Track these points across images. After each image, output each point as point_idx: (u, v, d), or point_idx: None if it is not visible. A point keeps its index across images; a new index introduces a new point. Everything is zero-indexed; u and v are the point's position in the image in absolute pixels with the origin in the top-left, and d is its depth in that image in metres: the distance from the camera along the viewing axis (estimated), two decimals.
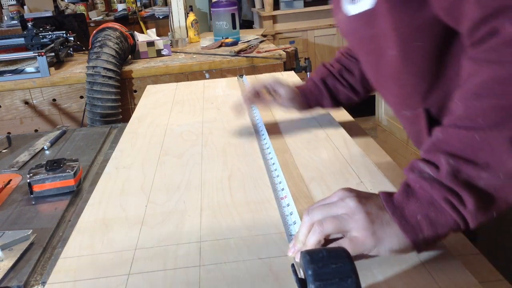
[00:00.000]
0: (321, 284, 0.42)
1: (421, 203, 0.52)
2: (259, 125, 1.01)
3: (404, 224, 0.52)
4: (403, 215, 0.52)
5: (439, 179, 0.51)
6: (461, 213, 0.51)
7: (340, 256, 0.45)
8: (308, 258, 0.45)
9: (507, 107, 0.49)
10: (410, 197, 0.53)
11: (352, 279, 0.43)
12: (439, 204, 0.51)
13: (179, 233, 0.64)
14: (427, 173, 0.53)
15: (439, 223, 0.52)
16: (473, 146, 0.50)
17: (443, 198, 0.51)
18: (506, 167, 0.50)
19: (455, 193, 0.51)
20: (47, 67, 1.98)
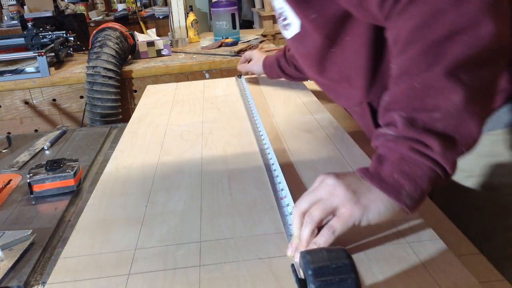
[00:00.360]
0: (321, 284, 0.42)
1: (393, 163, 0.54)
2: (259, 126, 1.01)
3: (384, 186, 0.53)
4: (381, 178, 0.54)
5: (399, 134, 0.54)
6: (431, 157, 0.52)
7: (340, 256, 0.45)
8: (308, 258, 0.45)
9: (429, 48, 0.53)
10: (383, 162, 0.55)
11: (352, 278, 0.43)
12: (408, 157, 0.53)
13: (179, 233, 0.64)
14: (389, 134, 0.55)
15: (416, 175, 0.53)
16: (417, 95, 0.53)
17: (409, 148, 0.53)
18: (453, 101, 0.52)
19: (418, 141, 0.53)
20: (47, 67, 1.98)
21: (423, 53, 0.53)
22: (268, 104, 1.17)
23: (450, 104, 0.52)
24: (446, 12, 0.52)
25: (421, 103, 0.53)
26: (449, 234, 0.65)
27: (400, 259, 0.55)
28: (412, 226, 0.62)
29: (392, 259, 0.55)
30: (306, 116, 1.06)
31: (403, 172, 0.53)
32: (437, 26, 0.52)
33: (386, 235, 0.60)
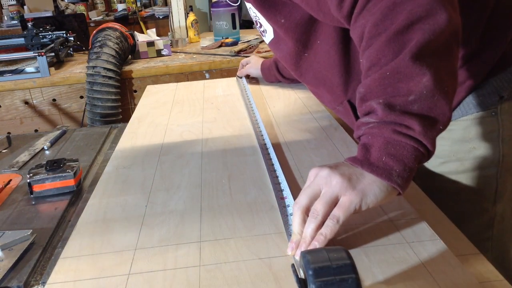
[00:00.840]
0: (322, 284, 0.42)
1: (379, 147, 0.56)
2: (259, 125, 1.01)
3: (376, 170, 0.56)
4: (371, 163, 0.56)
5: (380, 120, 0.57)
6: (413, 137, 0.56)
7: (341, 256, 0.45)
8: (309, 258, 0.45)
9: (393, 37, 0.56)
10: (369, 148, 0.58)
11: (353, 278, 0.43)
12: (392, 139, 0.56)
13: (179, 233, 0.64)
14: (371, 122, 0.58)
15: (402, 155, 0.56)
16: (390, 82, 0.57)
17: (393, 131, 0.56)
18: (423, 83, 0.55)
19: (400, 124, 0.56)
20: (47, 67, 1.98)
21: (388, 43, 0.57)
22: (268, 104, 1.17)
23: (421, 86, 0.55)
24: (402, 4, 0.56)
25: (395, 89, 0.56)
26: (449, 234, 0.65)
27: (400, 259, 0.55)
28: (412, 226, 0.62)
29: (392, 260, 0.55)
30: (306, 116, 1.06)
31: (390, 154, 0.56)
32: (397, 17, 0.56)
33: (386, 235, 0.60)
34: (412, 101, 0.55)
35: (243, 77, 1.41)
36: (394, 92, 0.56)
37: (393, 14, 0.57)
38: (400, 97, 0.56)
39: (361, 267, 0.54)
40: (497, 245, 0.80)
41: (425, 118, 0.55)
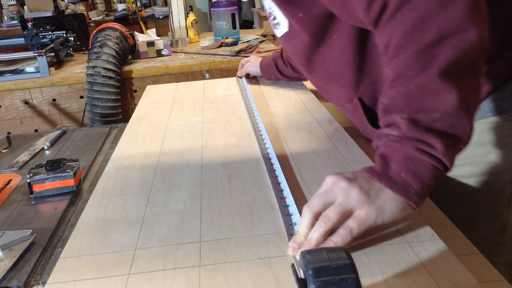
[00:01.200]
0: (322, 284, 0.42)
1: (399, 162, 0.56)
2: (259, 125, 1.01)
3: (394, 186, 0.56)
4: (390, 178, 0.56)
5: (403, 135, 0.56)
6: (434, 155, 0.55)
7: (341, 256, 0.45)
8: (308, 258, 0.45)
9: (421, 51, 0.55)
10: (388, 162, 0.57)
11: (353, 278, 0.43)
12: (413, 156, 0.56)
13: (179, 233, 0.64)
14: (392, 135, 0.58)
15: (421, 173, 0.56)
16: (415, 96, 0.56)
17: (414, 148, 0.56)
18: (449, 102, 0.55)
19: (422, 141, 0.55)
20: (47, 67, 1.98)
21: (416, 57, 0.56)
22: (268, 104, 1.17)
23: (447, 104, 0.55)
24: (433, 17, 0.55)
25: (420, 105, 0.56)
26: (449, 234, 0.65)
27: (400, 259, 0.55)
28: (412, 226, 0.62)
29: (392, 259, 0.55)
30: (306, 116, 1.06)
31: (409, 171, 0.55)
32: (427, 31, 0.55)
33: (386, 235, 0.60)
34: (437, 119, 0.55)
35: (243, 77, 1.41)
36: (419, 107, 0.56)
37: (424, 27, 0.55)
38: (424, 113, 0.55)
39: (361, 267, 0.54)
40: (509, 250, 0.79)
41: (448, 137, 0.55)
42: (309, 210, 0.57)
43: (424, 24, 0.55)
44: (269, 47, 2.24)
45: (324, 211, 0.56)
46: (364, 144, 0.93)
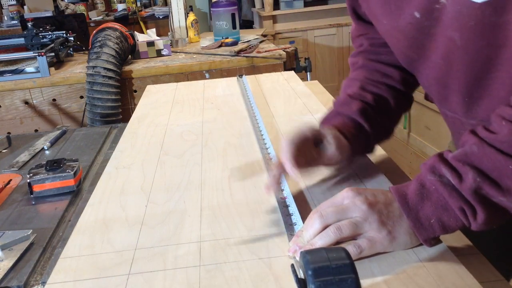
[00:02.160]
0: (321, 284, 0.42)
1: (435, 207, 0.54)
2: (260, 125, 1.01)
3: (419, 227, 0.54)
4: (418, 218, 0.54)
5: (460, 190, 0.52)
6: (471, 222, 0.53)
7: (340, 256, 0.45)
8: (308, 258, 0.45)
9: None
10: (424, 199, 0.54)
11: (352, 278, 0.43)
12: (453, 212, 0.53)
13: (179, 233, 0.64)
14: (448, 180, 0.53)
15: (450, 227, 0.54)
16: (503, 172, 0.51)
17: (459, 208, 0.52)
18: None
19: (471, 206, 0.52)
20: (47, 67, 1.98)
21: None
22: (268, 104, 1.17)
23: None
24: None
25: (499, 179, 0.51)
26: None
27: (400, 259, 0.55)
28: None
29: (392, 259, 0.55)
30: (306, 116, 1.06)
31: (440, 221, 0.54)
32: None
33: None
34: (500, 199, 0.51)
35: (244, 78, 1.41)
36: (496, 179, 0.51)
37: None
38: (495, 188, 0.51)
39: (361, 267, 0.54)
40: None
41: (494, 215, 0.52)
42: (321, 219, 0.56)
43: None
44: (269, 47, 2.24)
45: (334, 222, 0.56)
46: None
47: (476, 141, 0.53)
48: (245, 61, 2.05)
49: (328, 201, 0.59)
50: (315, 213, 0.58)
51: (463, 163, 0.53)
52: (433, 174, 0.54)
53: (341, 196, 0.58)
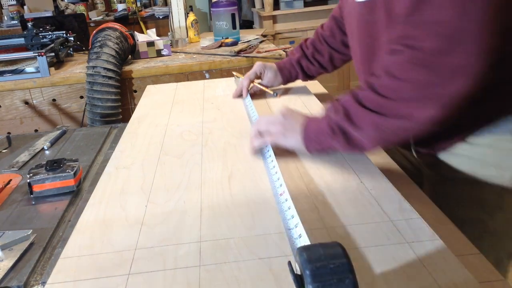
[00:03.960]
0: (320, 286, 0.42)
1: (318, 128, 0.80)
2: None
3: (305, 137, 0.82)
4: (307, 132, 0.82)
5: (331, 120, 0.77)
6: (333, 140, 0.77)
7: (338, 255, 0.45)
8: (305, 257, 0.45)
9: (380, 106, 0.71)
10: (316, 122, 0.81)
11: (350, 279, 0.43)
12: (325, 134, 0.78)
13: (179, 233, 0.64)
14: (328, 113, 0.79)
15: (324, 142, 0.80)
16: (358, 114, 0.74)
17: (328, 132, 0.77)
18: (365, 134, 0.73)
19: (336, 133, 0.76)
20: (47, 67, 1.98)
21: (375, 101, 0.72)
22: (268, 104, 1.17)
23: (366, 132, 0.74)
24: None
25: (356, 117, 0.75)
26: (449, 234, 0.65)
27: (400, 259, 0.55)
28: (412, 226, 0.62)
29: (392, 259, 0.55)
30: None
31: (318, 138, 0.81)
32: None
33: (386, 235, 0.60)
34: (354, 131, 0.75)
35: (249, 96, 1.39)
36: (353, 121, 0.75)
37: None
38: (350, 125, 0.75)
39: (361, 267, 0.54)
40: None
41: (349, 139, 0.76)
42: (255, 128, 0.89)
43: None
44: (269, 47, 2.24)
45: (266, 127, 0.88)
46: None
47: (352, 93, 0.77)
48: (245, 61, 2.05)
49: (267, 117, 0.91)
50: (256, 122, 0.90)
51: (338, 104, 0.77)
52: (328, 110, 0.80)
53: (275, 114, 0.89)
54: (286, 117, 0.86)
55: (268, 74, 1.21)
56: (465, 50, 0.62)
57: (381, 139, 0.74)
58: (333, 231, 0.62)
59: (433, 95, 0.66)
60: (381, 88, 0.71)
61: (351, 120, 0.74)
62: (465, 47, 0.62)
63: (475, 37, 0.62)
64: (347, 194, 0.71)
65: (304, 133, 0.82)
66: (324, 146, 0.80)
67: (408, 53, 0.67)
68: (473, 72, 0.63)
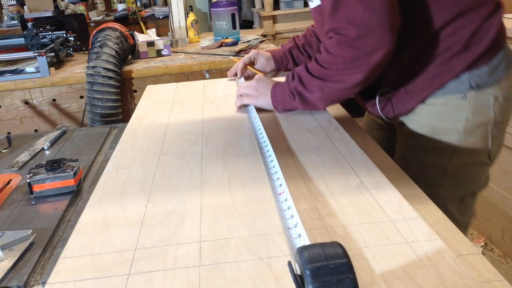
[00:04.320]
0: (320, 285, 0.42)
1: (283, 91, 1.06)
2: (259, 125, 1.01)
3: (273, 98, 1.08)
4: (274, 94, 1.08)
5: (290, 84, 1.03)
6: (294, 101, 1.03)
7: (338, 255, 0.45)
8: (306, 257, 0.45)
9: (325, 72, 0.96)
10: (281, 87, 1.07)
11: (350, 278, 0.43)
12: (286, 95, 1.04)
13: (179, 233, 0.64)
14: (288, 79, 1.05)
15: (286, 103, 1.06)
16: (308, 80, 0.99)
17: (288, 94, 1.04)
18: (314, 95, 0.99)
19: (293, 94, 1.03)
20: (47, 67, 1.98)
21: (320, 67, 0.97)
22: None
23: (314, 94, 1.00)
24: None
25: (307, 84, 1.00)
26: (449, 234, 0.65)
27: (400, 259, 0.55)
28: (412, 226, 0.62)
29: (392, 259, 0.55)
30: (306, 116, 1.06)
31: (283, 100, 1.06)
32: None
33: (386, 235, 0.60)
34: (307, 94, 1.00)
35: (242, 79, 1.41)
36: (305, 84, 1.00)
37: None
38: (303, 88, 1.00)
39: (361, 267, 0.54)
40: (447, 192, 1.04)
41: (303, 99, 1.02)
42: (238, 92, 1.16)
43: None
44: (269, 47, 2.24)
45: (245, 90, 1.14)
46: (363, 143, 0.93)
47: (304, 64, 1.01)
48: None
49: (247, 82, 1.17)
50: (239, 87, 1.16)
51: (295, 73, 1.02)
52: (288, 77, 1.05)
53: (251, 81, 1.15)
54: (259, 83, 1.12)
55: (261, 60, 1.38)
56: (375, 33, 0.86)
57: (326, 98, 0.99)
58: (333, 231, 0.62)
59: (359, 65, 0.90)
60: (322, 61, 0.96)
61: (303, 85, 1.00)
62: (374, 32, 0.86)
63: (380, 23, 0.85)
64: (347, 194, 0.71)
65: (272, 95, 1.08)
66: (287, 106, 1.06)
67: (337, 37, 0.91)
68: (385, 46, 0.87)
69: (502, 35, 0.97)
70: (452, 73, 0.95)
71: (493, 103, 0.97)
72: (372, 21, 0.85)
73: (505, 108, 0.99)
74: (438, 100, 0.98)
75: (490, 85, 0.96)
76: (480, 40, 0.93)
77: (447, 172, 1.02)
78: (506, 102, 0.98)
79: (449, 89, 0.96)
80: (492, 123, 0.98)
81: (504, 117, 1.00)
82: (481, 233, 2.12)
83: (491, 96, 0.96)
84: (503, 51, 0.97)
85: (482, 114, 0.97)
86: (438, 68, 0.96)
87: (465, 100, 0.96)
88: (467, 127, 0.98)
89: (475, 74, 0.95)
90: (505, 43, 0.99)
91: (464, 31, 0.93)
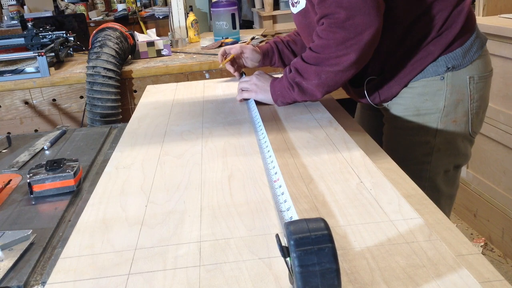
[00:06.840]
0: (302, 253, 0.46)
1: (281, 85, 1.11)
2: (259, 125, 1.01)
3: (272, 93, 1.13)
4: (274, 88, 1.13)
5: (287, 76, 1.08)
6: (293, 92, 1.08)
7: (320, 227, 0.48)
8: (291, 230, 0.48)
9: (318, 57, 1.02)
10: (279, 81, 1.12)
11: (329, 247, 0.46)
12: (285, 87, 1.09)
13: (179, 233, 0.64)
14: (285, 72, 1.10)
15: (285, 96, 1.11)
16: (304, 70, 1.04)
17: (286, 86, 1.09)
18: (311, 83, 1.04)
19: (292, 86, 1.07)
20: (47, 67, 1.98)
21: (313, 56, 1.03)
22: (268, 104, 1.17)
23: (310, 82, 1.05)
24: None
25: (303, 73, 1.05)
26: (449, 234, 0.65)
27: (400, 259, 0.55)
28: (412, 226, 0.62)
29: (392, 259, 0.55)
30: (306, 116, 1.06)
31: (282, 93, 1.11)
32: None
33: (386, 235, 0.60)
34: (304, 82, 1.05)
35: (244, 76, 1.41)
36: (302, 73, 1.05)
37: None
38: (300, 77, 1.05)
39: (361, 268, 0.54)
40: (433, 168, 1.13)
41: (302, 89, 1.06)
42: (239, 86, 1.22)
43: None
44: None
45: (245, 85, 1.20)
46: (363, 143, 0.93)
47: (300, 56, 1.06)
48: None
49: (247, 78, 1.22)
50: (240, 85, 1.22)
51: (292, 66, 1.07)
52: (285, 71, 1.10)
53: (251, 77, 1.20)
54: (259, 78, 1.17)
55: (247, 51, 1.38)
56: (363, 13, 0.93)
57: (323, 84, 1.03)
58: (333, 231, 0.62)
59: (351, 45, 0.96)
60: (315, 48, 1.01)
61: (300, 74, 1.04)
62: (362, 11, 0.93)
63: (366, 3, 0.92)
64: (347, 194, 0.71)
65: (272, 90, 1.13)
66: (287, 99, 1.11)
67: (327, 21, 0.97)
68: (373, 25, 0.94)
69: (472, 19, 1.07)
70: (431, 57, 1.05)
71: (469, 81, 1.07)
72: (358, 2, 0.92)
73: (480, 86, 1.08)
74: (419, 83, 1.07)
75: (464, 65, 1.06)
76: (452, 25, 1.03)
77: (433, 148, 1.11)
78: (481, 80, 1.08)
79: (429, 72, 1.06)
80: (469, 101, 1.08)
81: (481, 95, 1.09)
82: (481, 233, 2.12)
83: (466, 76, 1.06)
84: (474, 34, 1.07)
85: (459, 92, 1.07)
86: (418, 53, 1.06)
87: (443, 81, 1.06)
88: (446, 106, 1.07)
89: (450, 56, 1.05)
90: (475, 26, 1.09)
91: (438, 18, 1.03)
